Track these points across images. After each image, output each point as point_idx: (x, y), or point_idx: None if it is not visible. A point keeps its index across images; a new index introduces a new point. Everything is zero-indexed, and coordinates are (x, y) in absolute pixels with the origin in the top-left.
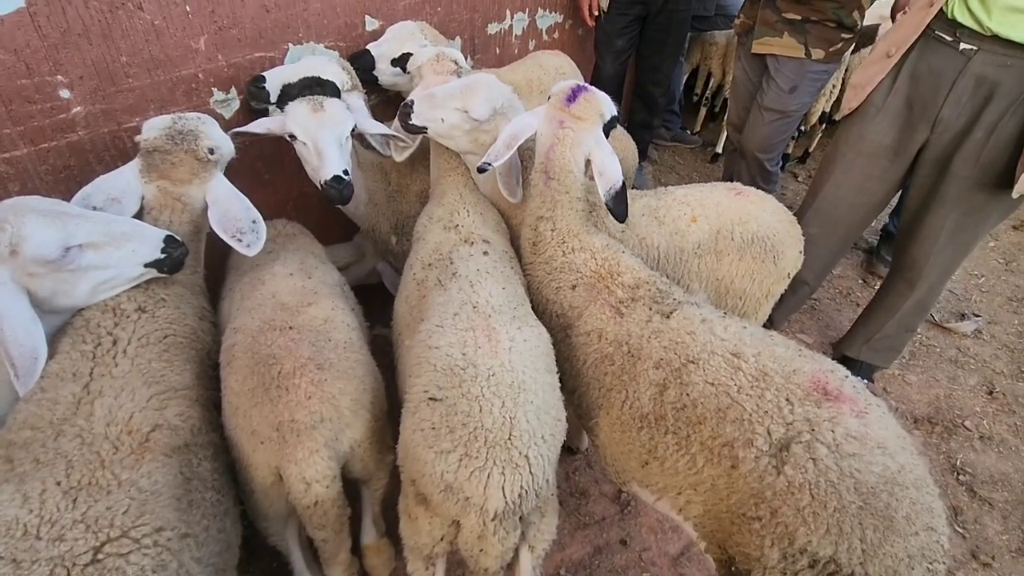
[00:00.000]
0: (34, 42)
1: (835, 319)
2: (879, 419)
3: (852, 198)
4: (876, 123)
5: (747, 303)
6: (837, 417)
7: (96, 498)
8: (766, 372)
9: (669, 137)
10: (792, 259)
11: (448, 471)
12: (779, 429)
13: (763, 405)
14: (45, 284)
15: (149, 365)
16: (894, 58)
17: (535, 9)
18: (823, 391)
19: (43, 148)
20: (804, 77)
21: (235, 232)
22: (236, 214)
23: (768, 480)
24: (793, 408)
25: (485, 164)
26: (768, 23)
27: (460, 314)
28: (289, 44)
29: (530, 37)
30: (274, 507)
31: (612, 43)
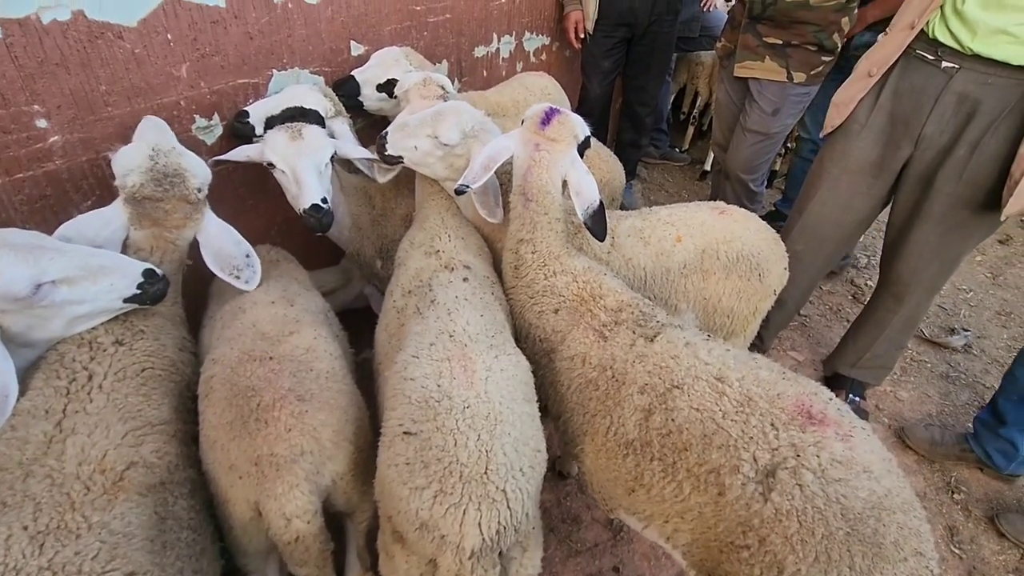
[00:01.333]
0: (10, 72)
1: (825, 336)
2: (864, 442)
3: (838, 215)
4: (860, 140)
5: (735, 321)
6: (822, 442)
7: (64, 543)
8: (751, 397)
9: (658, 155)
10: (777, 276)
11: (423, 508)
12: (764, 455)
13: (748, 431)
14: (17, 320)
15: (126, 400)
16: (875, 77)
17: (522, 32)
18: (807, 415)
19: (18, 178)
20: (786, 100)
21: (232, 270)
22: (230, 251)
23: (755, 508)
24: (778, 433)
25: (462, 186)
26: (749, 47)
27: (436, 344)
28: (273, 70)
29: (517, 59)
30: (254, 543)
31: (598, 64)
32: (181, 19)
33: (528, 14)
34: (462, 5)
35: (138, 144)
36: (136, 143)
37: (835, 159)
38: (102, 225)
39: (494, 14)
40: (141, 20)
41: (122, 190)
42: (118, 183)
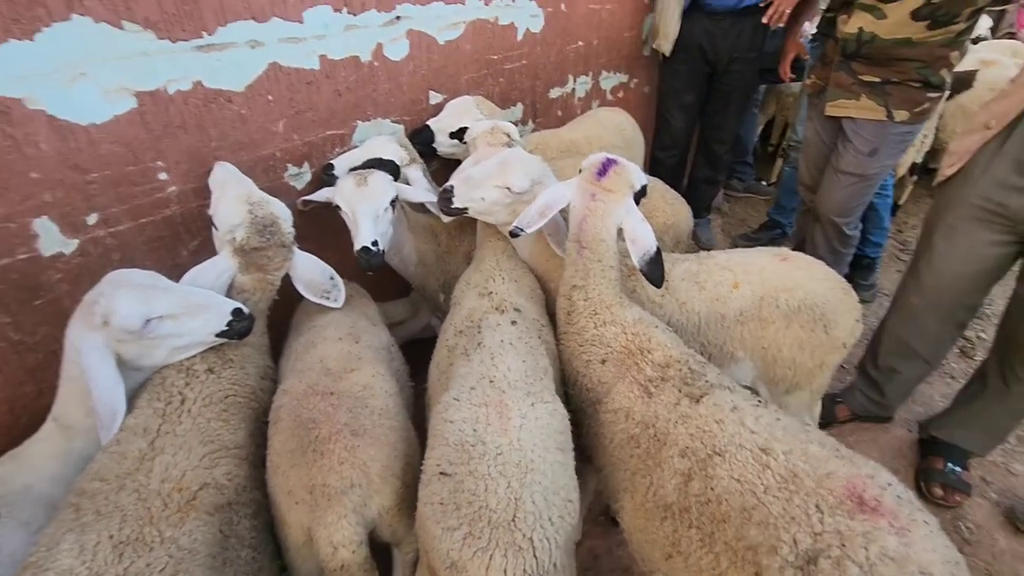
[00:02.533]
0: (141, 135)
1: (923, 392)
2: (924, 538)
3: (956, 267)
4: (978, 187)
5: (798, 373)
6: (873, 532)
7: (139, 554)
8: (796, 473)
9: (742, 188)
10: (847, 328)
11: (453, 549)
12: (806, 539)
13: (790, 510)
14: (131, 349)
15: (208, 424)
16: (994, 130)
17: (598, 71)
18: (859, 500)
19: (142, 223)
20: (885, 139)
21: (321, 294)
22: (318, 279)
23: None
24: (823, 517)
25: (517, 229)
26: (843, 85)
27: (477, 388)
28: (358, 121)
29: (594, 98)
30: (306, 566)
31: (680, 98)
32: (281, 82)
33: (606, 54)
34: (538, 51)
35: (232, 199)
36: (229, 198)
37: (951, 207)
38: (217, 274)
39: (570, 57)
40: (247, 85)
41: (230, 244)
42: (222, 236)
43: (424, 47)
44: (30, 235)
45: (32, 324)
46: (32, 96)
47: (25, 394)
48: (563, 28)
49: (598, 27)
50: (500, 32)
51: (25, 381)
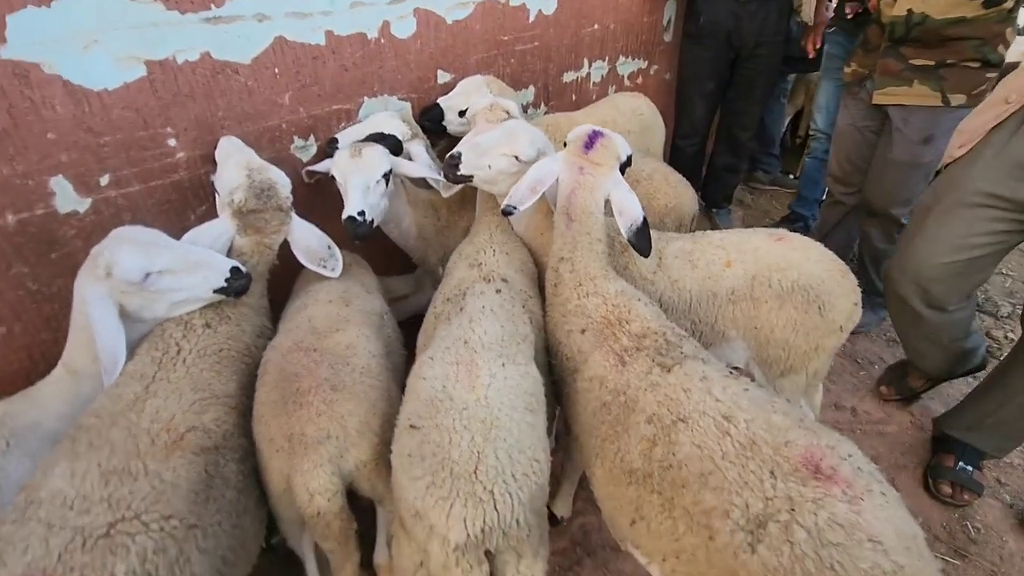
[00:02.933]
0: (151, 102)
1: (943, 389)
2: (878, 507)
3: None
4: (988, 170)
5: (792, 355)
6: (823, 499)
7: (124, 482)
8: (755, 441)
9: (767, 180)
10: (844, 311)
11: (417, 497)
12: (757, 504)
13: (745, 475)
14: (133, 300)
15: (200, 374)
16: (1013, 105)
17: (616, 56)
18: (815, 468)
19: (152, 185)
20: (940, 126)
21: (319, 262)
22: (316, 247)
23: (742, 558)
24: (776, 483)
25: (510, 207)
26: (891, 72)
27: (451, 348)
28: (364, 97)
29: (610, 83)
30: (288, 512)
31: (703, 85)
32: (287, 55)
33: (623, 38)
34: (551, 33)
35: (234, 165)
36: (231, 165)
37: (950, 190)
38: (216, 235)
39: (585, 40)
40: (254, 58)
41: (228, 206)
42: (223, 200)
43: (432, 25)
44: (47, 192)
45: (48, 276)
46: (49, 61)
47: (42, 341)
48: (578, 10)
49: (615, 10)
50: (511, 13)
51: (42, 329)
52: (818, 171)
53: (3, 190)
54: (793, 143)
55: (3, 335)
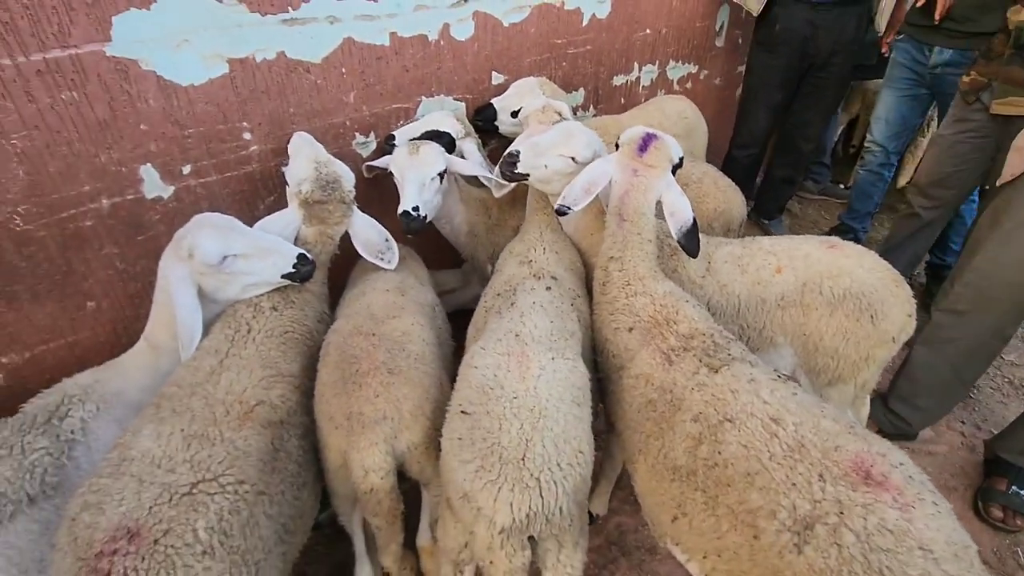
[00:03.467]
0: (230, 98)
1: (996, 412)
2: (929, 517)
3: (1010, 275)
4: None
5: (842, 364)
6: (873, 505)
7: (203, 447)
8: (803, 444)
9: (817, 190)
10: (897, 322)
11: (466, 480)
12: (805, 505)
13: (793, 477)
14: (209, 281)
15: (268, 353)
16: None
17: (666, 61)
18: (865, 474)
19: (228, 176)
20: None
21: (376, 253)
22: (375, 239)
23: (788, 558)
24: (825, 486)
25: (564, 207)
26: (1015, 80)
27: (503, 340)
28: (422, 97)
29: (659, 87)
30: (342, 487)
31: (771, 95)
32: (354, 56)
33: (675, 43)
34: (603, 37)
35: (303, 158)
36: (301, 158)
37: (1011, 212)
38: (284, 224)
39: (636, 45)
40: (324, 58)
41: (297, 196)
42: (292, 190)
43: (489, 29)
44: (137, 179)
45: (134, 256)
46: (146, 58)
47: (126, 317)
48: (630, 15)
49: (668, 15)
50: (565, 17)
51: (127, 305)
52: (872, 184)
53: (100, 176)
54: (846, 153)
55: (92, 309)
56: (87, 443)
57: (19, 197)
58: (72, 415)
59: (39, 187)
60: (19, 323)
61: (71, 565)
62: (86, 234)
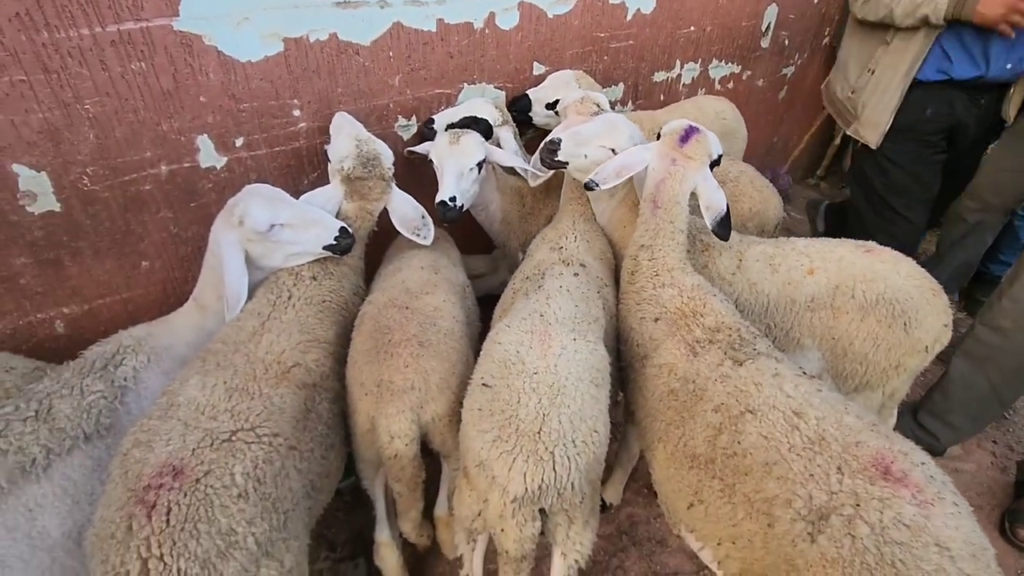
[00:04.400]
0: (284, 76)
1: None
2: (948, 516)
3: None
4: None
5: (870, 371)
6: (891, 499)
7: (243, 399)
8: (824, 437)
9: None
10: (932, 331)
11: (483, 448)
12: (821, 496)
13: (811, 468)
14: (256, 248)
15: (306, 319)
16: None
17: (709, 59)
18: (884, 469)
19: (276, 150)
20: None
21: (413, 230)
22: (411, 216)
23: (801, 547)
24: (843, 479)
25: (592, 182)
26: None
27: (527, 319)
28: (464, 83)
29: (700, 86)
30: (367, 452)
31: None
32: (401, 40)
33: (719, 42)
34: (647, 33)
35: (345, 136)
36: (343, 136)
37: None
38: (326, 199)
39: (680, 42)
40: (373, 41)
41: (339, 173)
42: (334, 167)
43: (533, 19)
44: (194, 148)
45: (187, 222)
46: (209, 34)
47: (175, 278)
48: (675, 12)
49: (714, 13)
50: (610, 10)
51: (177, 267)
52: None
53: (161, 143)
54: None
55: (147, 269)
56: (137, 391)
57: (88, 159)
58: (126, 364)
59: (106, 151)
60: (81, 277)
61: (121, 494)
62: (145, 198)
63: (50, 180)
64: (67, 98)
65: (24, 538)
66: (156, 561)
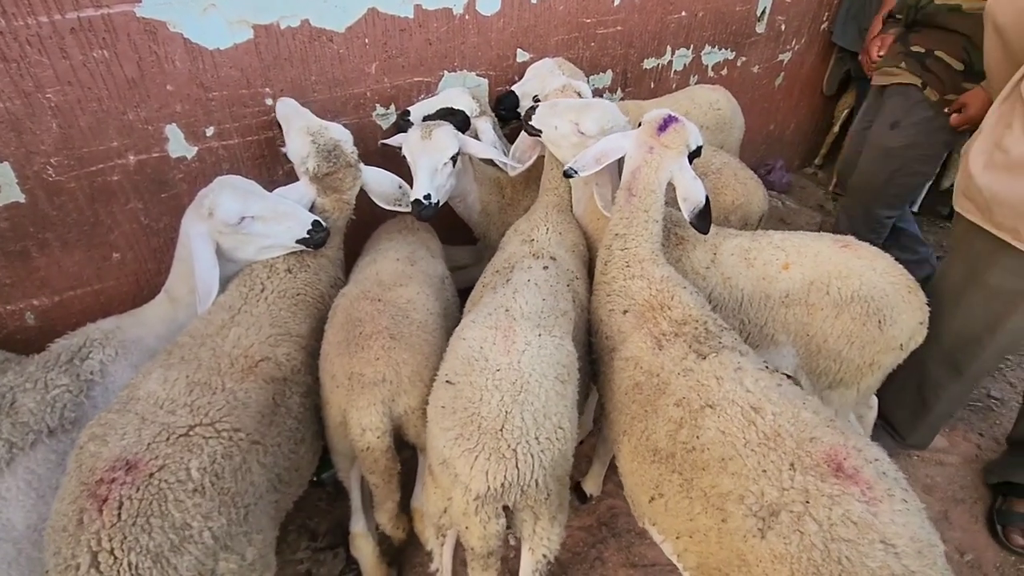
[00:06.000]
0: (254, 63)
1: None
2: (896, 513)
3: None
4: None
5: (844, 368)
6: (840, 496)
7: (204, 394)
8: (779, 433)
9: None
10: (907, 329)
11: (446, 446)
12: (772, 492)
13: (764, 464)
14: (227, 240)
15: (279, 313)
16: None
17: (701, 45)
18: (836, 466)
19: (249, 140)
20: (908, 114)
21: (393, 202)
22: (389, 190)
23: (751, 542)
24: (795, 475)
25: (571, 170)
26: (892, 54)
27: (492, 315)
28: (445, 71)
29: (692, 72)
30: (341, 444)
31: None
32: (377, 27)
33: (711, 27)
34: (635, 18)
35: (296, 133)
36: (294, 132)
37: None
38: (299, 196)
39: (671, 27)
40: (348, 27)
41: (304, 174)
42: (298, 168)
43: (516, 4)
44: (162, 138)
45: (158, 212)
46: (174, 20)
47: (148, 270)
48: None
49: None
50: None
51: (149, 259)
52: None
53: (128, 132)
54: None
55: (117, 260)
56: (105, 384)
57: (52, 149)
58: (93, 357)
59: (70, 140)
60: (50, 268)
61: (75, 488)
62: (113, 188)
63: (13, 170)
64: (27, 87)
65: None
66: (106, 555)
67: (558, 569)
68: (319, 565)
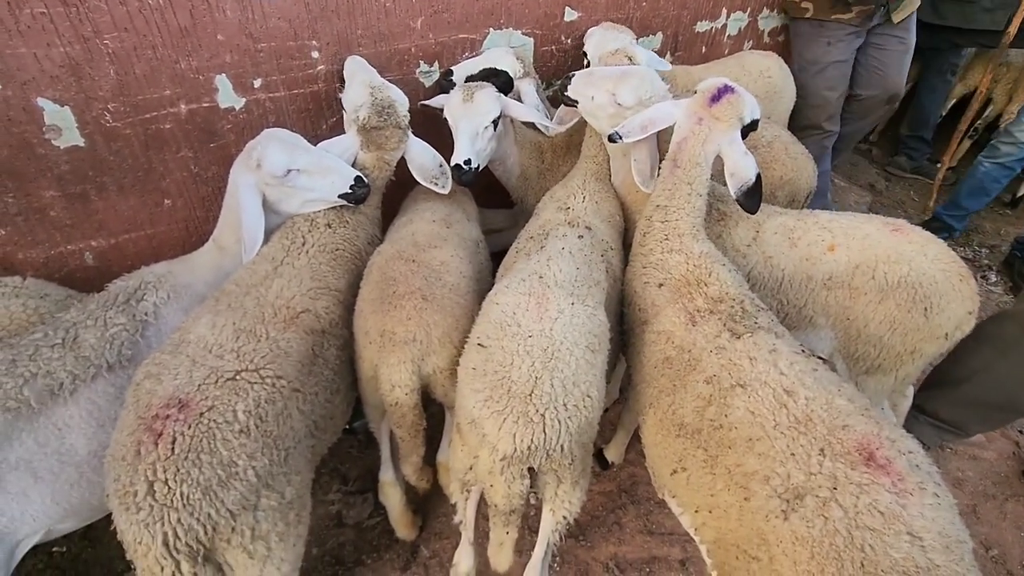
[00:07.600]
0: (302, 15)
1: None
2: (926, 507)
3: None
4: None
5: (883, 355)
6: (869, 486)
7: (249, 341)
8: (811, 418)
9: (909, 168)
10: (954, 318)
11: (475, 407)
12: (799, 476)
13: (793, 447)
14: (273, 192)
15: (319, 266)
16: None
17: (759, 8)
18: (867, 455)
19: (295, 93)
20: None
21: (431, 179)
22: (429, 165)
23: (773, 523)
24: (823, 461)
25: (616, 135)
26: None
27: (526, 281)
28: (490, 28)
29: (747, 38)
30: (372, 398)
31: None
32: None
33: None
34: None
35: (358, 84)
36: (356, 84)
37: None
38: (343, 149)
39: None
40: None
41: (354, 123)
42: (349, 117)
43: None
44: (212, 88)
45: (207, 162)
46: None
47: (196, 217)
48: None
49: None
50: None
51: (197, 207)
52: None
53: (180, 81)
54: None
55: (169, 207)
56: (158, 326)
57: (109, 95)
58: (147, 299)
59: (127, 87)
60: (107, 212)
61: (132, 421)
62: (165, 136)
63: (73, 115)
64: (87, 32)
65: (54, 454)
66: (161, 484)
67: (577, 531)
68: (349, 507)
